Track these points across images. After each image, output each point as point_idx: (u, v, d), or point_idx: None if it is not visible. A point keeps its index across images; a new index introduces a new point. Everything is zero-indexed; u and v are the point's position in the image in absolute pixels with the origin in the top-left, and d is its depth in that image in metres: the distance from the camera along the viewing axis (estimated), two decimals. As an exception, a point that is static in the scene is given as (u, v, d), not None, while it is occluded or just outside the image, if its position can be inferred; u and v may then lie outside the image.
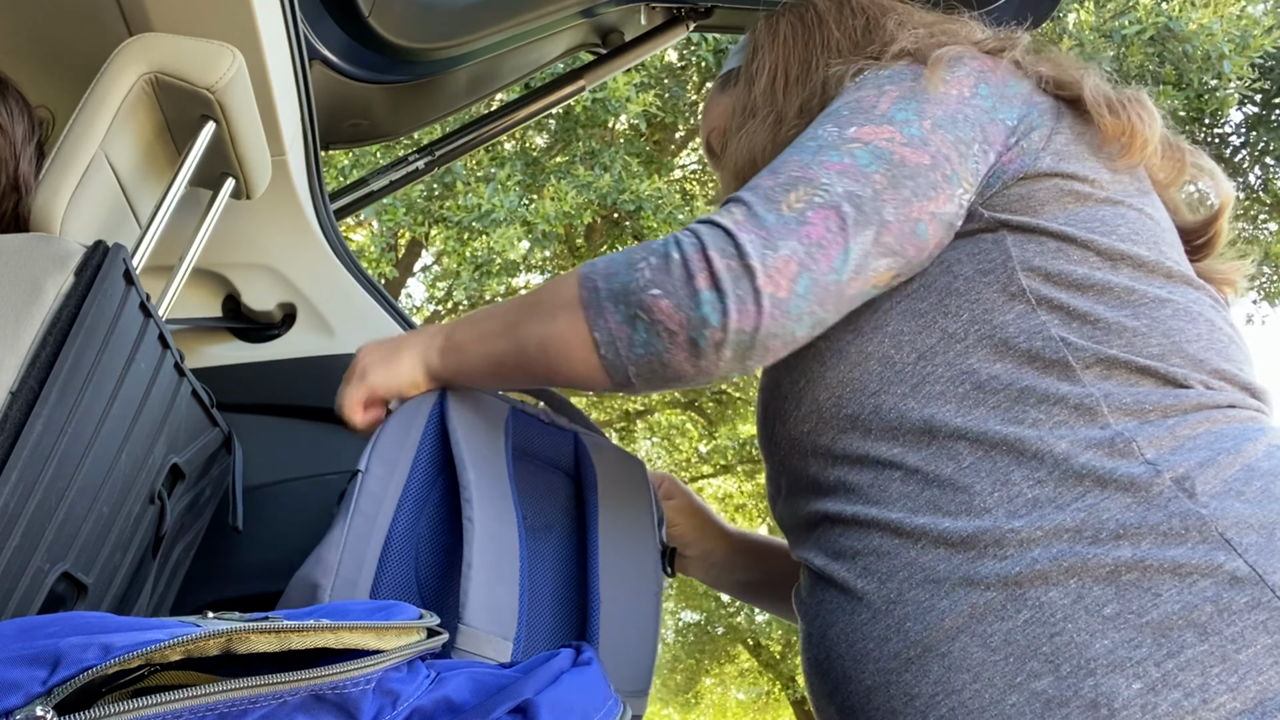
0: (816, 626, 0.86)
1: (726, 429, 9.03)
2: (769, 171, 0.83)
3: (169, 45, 1.00)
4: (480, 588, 0.82)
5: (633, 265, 0.79)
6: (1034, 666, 0.71)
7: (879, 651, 0.78)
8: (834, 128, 0.85)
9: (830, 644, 0.83)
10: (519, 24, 1.54)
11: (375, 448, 0.91)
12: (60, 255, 0.76)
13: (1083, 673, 0.69)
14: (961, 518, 0.78)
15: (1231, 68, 5.54)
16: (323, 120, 1.43)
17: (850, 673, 0.80)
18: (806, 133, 0.87)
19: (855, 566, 0.82)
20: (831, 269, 0.78)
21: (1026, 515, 0.75)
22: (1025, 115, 0.88)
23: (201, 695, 0.44)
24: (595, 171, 6.27)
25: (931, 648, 0.75)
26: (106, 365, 0.78)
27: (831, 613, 0.84)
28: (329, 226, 1.36)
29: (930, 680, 0.75)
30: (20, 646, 0.43)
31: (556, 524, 1.00)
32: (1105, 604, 0.71)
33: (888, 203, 0.80)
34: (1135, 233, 0.85)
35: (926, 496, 0.80)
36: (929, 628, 0.76)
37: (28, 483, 0.69)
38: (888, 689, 0.77)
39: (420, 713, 0.52)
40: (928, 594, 0.77)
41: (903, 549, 0.79)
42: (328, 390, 1.35)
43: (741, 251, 0.76)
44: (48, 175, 0.92)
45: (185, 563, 1.10)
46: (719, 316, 0.75)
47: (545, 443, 1.03)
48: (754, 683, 14.47)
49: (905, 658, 0.76)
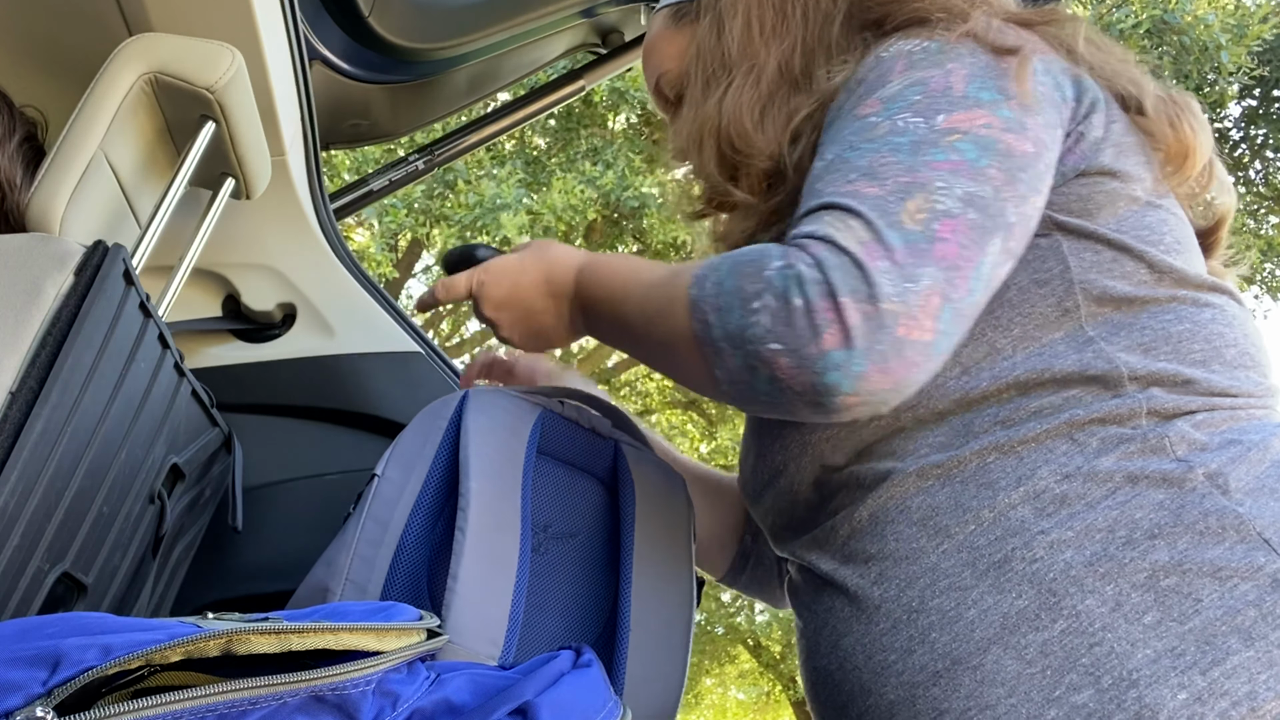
0: (826, 635, 0.81)
1: (727, 429, 9.02)
2: (864, 176, 0.72)
3: (169, 45, 1.00)
4: (464, 602, 0.81)
5: (746, 305, 0.68)
6: (1073, 679, 0.67)
7: (902, 664, 0.73)
8: (916, 117, 0.74)
9: (844, 654, 0.78)
10: (519, 24, 1.54)
11: (393, 452, 0.90)
12: (60, 255, 0.76)
13: (1125, 684, 0.66)
14: (984, 514, 0.73)
15: (1230, 58, 5.54)
16: (323, 120, 1.43)
17: (869, 686, 0.75)
18: (870, 124, 0.76)
19: (870, 571, 0.77)
20: (969, 290, 0.69)
21: (1055, 514, 0.72)
22: (1083, 92, 0.80)
23: (201, 696, 0.44)
24: (598, 168, 6.28)
25: (961, 660, 0.71)
26: (106, 365, 0.78)
27: (844, 621, 0.79)
28: (329, 226, 1.36)
29: (961, 695, 0.70)
30: (20, 647, 0.43)
31: (581, 530, 0.97)
32: (1145, 611, 0.67)
33: (1008, 201, 0.71)
34: (1178, 240, 0.81)
35: (947, 494, 0.75)
36: (957, 639, 0.71)
37: (27, 483, 0.69)
38: (913, 704, 0.72)
39: (420, 714, 0.52)
40: (953, 602, 0.72)
41: (924, 553, 0.75)
42: (328, 390, 1.36)
43: (875, 292, 0.65)
44: (47, 175, 0.92)
45: (185, 563, 1.10)
46: (851, 381, 0.65)
47: (580, 448, 1.00)
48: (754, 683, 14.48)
49: (932, 671, 0.72)
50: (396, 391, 1.34)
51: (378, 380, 1.34)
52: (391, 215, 6.32)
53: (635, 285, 0.82)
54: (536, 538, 0.93)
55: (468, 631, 0.80)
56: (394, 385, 1.34)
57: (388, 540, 0.86)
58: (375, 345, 1.36)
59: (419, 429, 0.92)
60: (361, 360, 1.35)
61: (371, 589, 0.84)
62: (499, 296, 0.94)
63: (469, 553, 0.83)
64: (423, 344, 1.38)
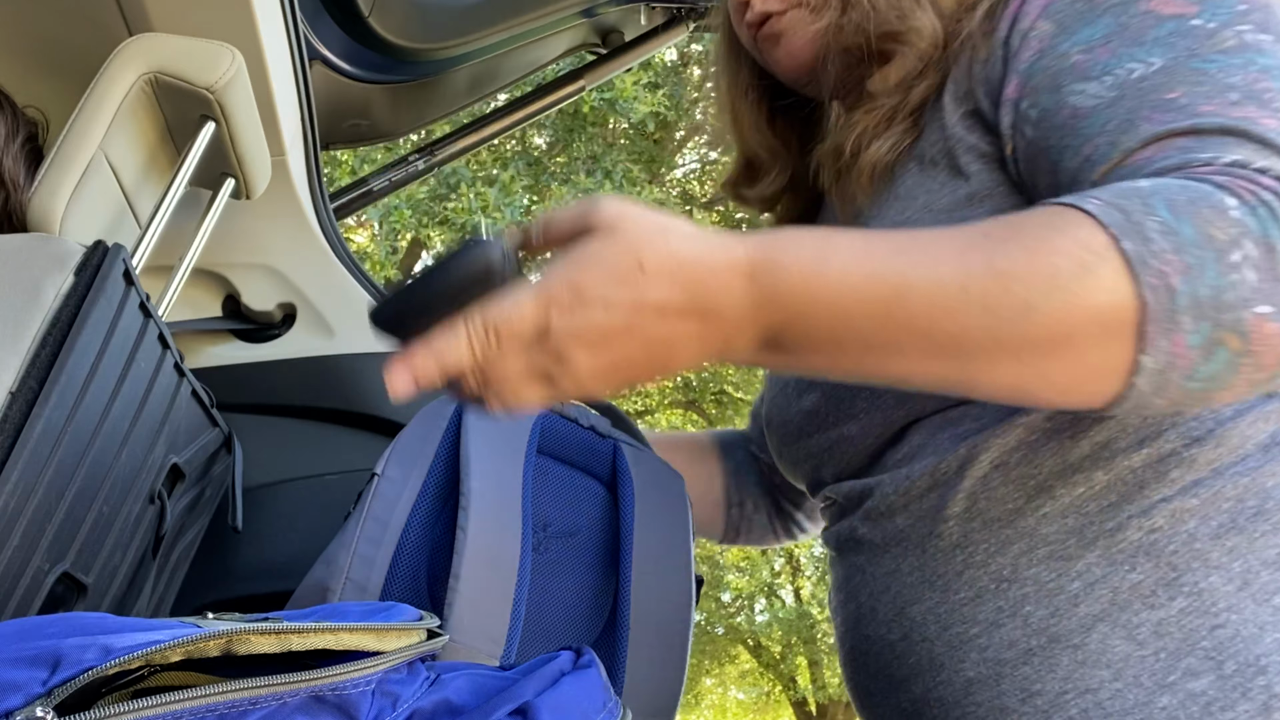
0: (887, 601, 0.72)
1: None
2: (1249, 100, 0.58)
3: (169, 45, 1.00)
4: (466, 601, 0.80)
5: (1222, 255, 0.52)
6: (1191, 663, 0.60)
7: (987, 638, 0.65)
8: (1262, 33, 0.62)
9: (911, 624, 0.69)
10: (519, 24, 1.54)
11: (393, 451, 0.90)
12: (60, 255, 0.76)
13: (1251, 671, 0.59)
14: (1098, 476, 0.65)
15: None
16: (323, 120, 1.43)
17: (942, 660, 0.67)
18: (1199, 29, 0.62)
19: (951, 532, 0.69)
20: None
21: (1179, 480, 0.63)
22: None
23: (202, 696, 0.44)
24: (596, 177, 6.28)
25: (1060, 637, 0.63)
26: (106, 365, 0.78)
27: (913, 586, 0.70)
28: (329, 226, 1.36)
29: (1058, 676, 0.63)
30: (20, 647, 0.43)
31: (581, 529, 0.97)
32: (1275, 592, 0.60)
33: None
34: None
35: (1051, 448, 0.66)
36: (1057, 613, 0.63)
37: (28, 483, 0.69)
38: (997, 683, 0.65)
39: (420, 714, 0.52)
40: (1053, 572, 0.64)
41: (1021, 515, 0.66)
42: (328, 390, 1.36)
43: None
44: (47, 175, 0.92)
45: (185, 563, 1.10)
46: None
47: (579, 447, 0.99)
48: (754, 683, 14.47)
49: (1024, 648, 0.64)
50: (396, 391, 1.34)
51: (378, 380, 1.34)
52: (397, 216, 6.32)
53: (916, 267, 0.54)
54: (536, 536, 0.93)
55: (470, 630, 0.80)
56: (394, 385, 1.34)
57: (388, 539, 0.86)
58: (375, 345, 1.36)
59: (419, 428, 0.92)
60: (361, 360, 1.35)
61: (372, 588, 0.84)
62: (600, 328, 0.54)
63: (470, 552, 0.83)
64: (423, 344, 1.38)
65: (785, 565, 11.82)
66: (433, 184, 6.40)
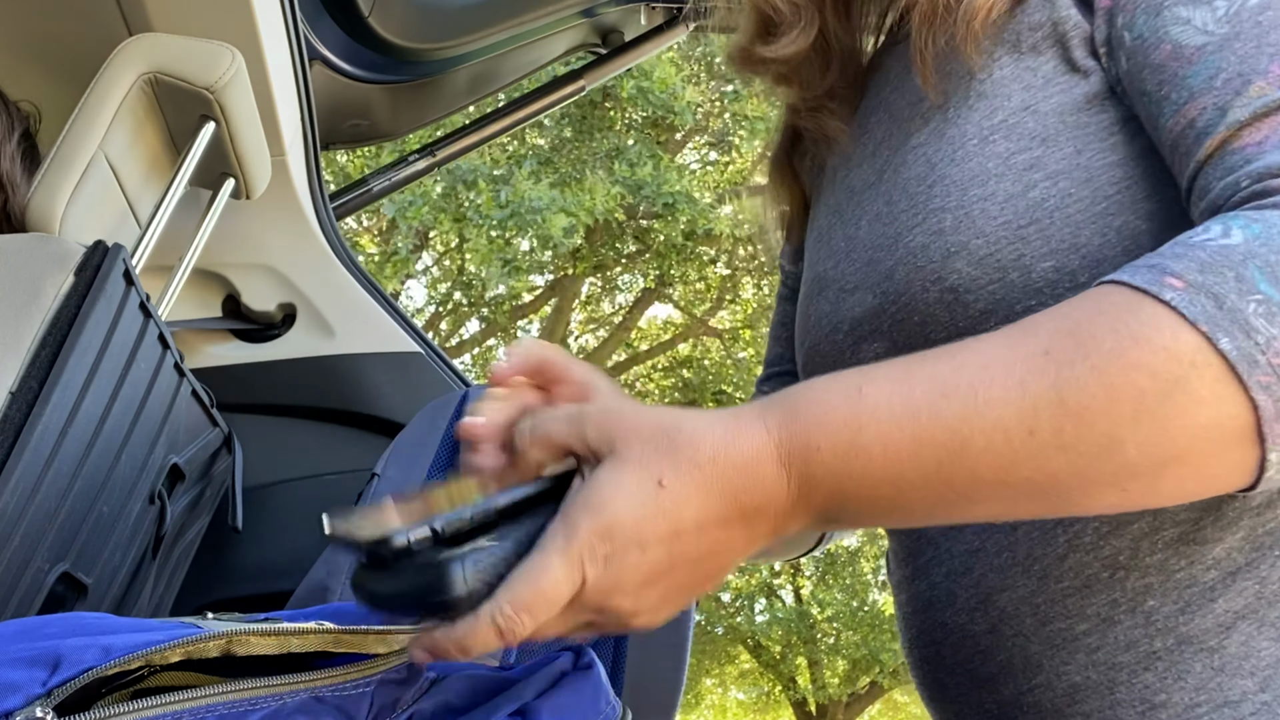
0: (967, 585, 0.60)
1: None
2: None
3: (168, 45, 1.00)
4: None
5: None
6: None
7: (1098, 638, 0.55)
8: None
9: (999, 614, 0.58)
10: (519, 24, 1.54)
11: (393, 451, 0.90)
12: (60, 255, 0.76)
13: None
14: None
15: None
16: (323, 120, 1.43)
17: (1039, 660, 0.57)
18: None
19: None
20: None
21: None
22: None
23: (201, 697, 0.44)
24: (625, 166, 6.34)
25: (1192, 640, 0.53)
26: (106, 365, 0.78)
27: (1001, 570, 0.58)
28: (329, 226, 1.36)
29: (1188, 685, 0.52)
30: (20, 647, 0.43)
31: None
32: None
33: None
34: None
35: None
36: (1188, 609, 0.53)
37: (28, 482, 0.69)
38: (1112, 690, 0.54)
39: (420, 715, 0.52)
40: (1183, 559, 0.53)
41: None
42: (328, 390, 1.36)
43: None
44: (47, 175, 0.92)
45: (185, 563, 1.10)
46: None
47: None
48: (754, 683, 14.47)
49: (1145, 650, 0.54)
50: (396, 391, 1.34)
51: (378, 380, 1.34)
52: (414, 212, 6.35)
53: (969, 415, 0.45)
54: None
55: None
56: (394, 385, 1.34)
57: None
58: (375, 345, 1.36)
59: (419, 428, 0.92)
60: (361, 360, 1.35)
61: None
62: (640, 570, 0.47)
63: None
64: (423, 344, 1.38)
65: (785, 565, 11.81)
66: (448, 179, 6.44)
